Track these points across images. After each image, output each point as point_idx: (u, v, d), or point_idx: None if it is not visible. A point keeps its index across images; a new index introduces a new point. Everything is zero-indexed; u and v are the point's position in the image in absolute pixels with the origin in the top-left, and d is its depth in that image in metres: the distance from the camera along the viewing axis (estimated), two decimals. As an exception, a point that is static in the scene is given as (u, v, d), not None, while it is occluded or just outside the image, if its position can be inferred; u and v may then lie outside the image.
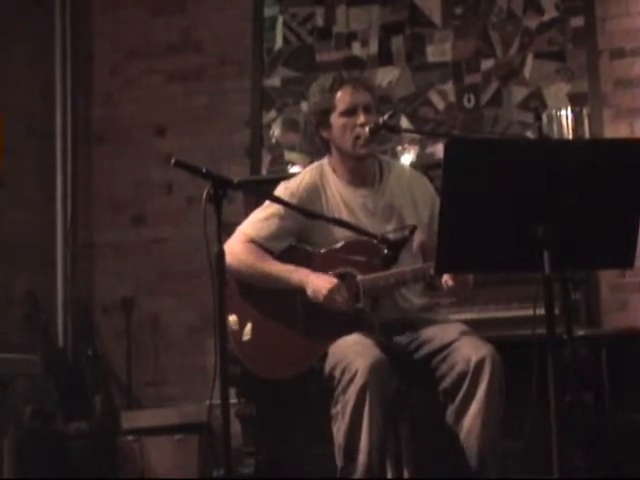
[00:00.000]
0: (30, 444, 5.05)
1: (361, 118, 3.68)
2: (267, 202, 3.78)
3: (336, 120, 3.73)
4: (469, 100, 5.68)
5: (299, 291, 3.64)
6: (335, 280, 3.58)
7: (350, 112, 3.70)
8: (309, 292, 3.60)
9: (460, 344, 3.50)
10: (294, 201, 3.67)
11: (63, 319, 6.04)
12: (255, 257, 3.70)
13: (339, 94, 3.74)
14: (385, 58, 5.86)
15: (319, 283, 3.58)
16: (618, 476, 4.29)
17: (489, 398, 3.39)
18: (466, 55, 5.73)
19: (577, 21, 5.58)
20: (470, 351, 3.45)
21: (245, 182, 4.89)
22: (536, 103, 5.54)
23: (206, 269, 3.04)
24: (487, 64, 5.69)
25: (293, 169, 5.66)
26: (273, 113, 5.98)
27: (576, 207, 2.86)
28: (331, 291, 3.55)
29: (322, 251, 3.69)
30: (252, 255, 3.70)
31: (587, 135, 5.06)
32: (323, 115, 3.77)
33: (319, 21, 6.00)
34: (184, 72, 6.18)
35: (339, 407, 3.40)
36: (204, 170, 3.05)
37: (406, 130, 5.57)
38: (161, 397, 5.90)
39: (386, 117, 3.68)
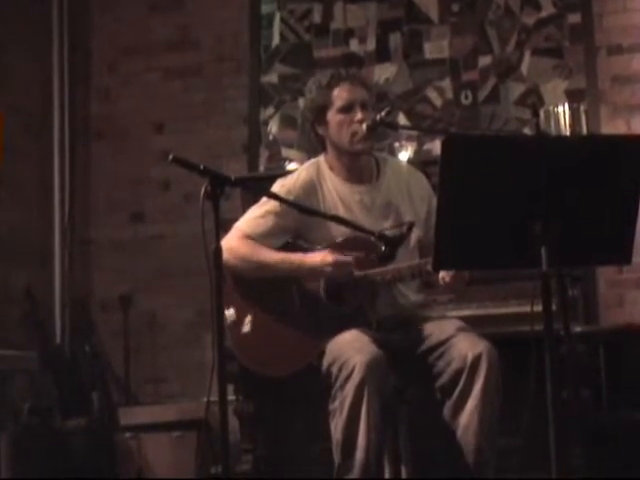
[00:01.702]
0: (28, 441, 5.05)
1: (358, 115, 3.68)
2: (264, 199, 3.78)
3: (333, 117, 3.73)
4: (466, 97, 5.68)
5: (296, 288, 3.66)
6: (327, 250, 3.60)
7: (347, 109, 3.70)
8: (312, 269, 3.61)
9: (457, 340, 3.51)
10: (291, 198, 3.67)
11: (61, 316, 6.03)
12: (250, 249, 3.70)
13: (336, 91, 3.74)
14: (382, 55, 5.85)
15: (318, 257, 3.61)
16: (616, 474, 4.30)
17: (486, 394, 3.40)
18: (463, 52, 5.73)
19: (574, 17, 5.58)
20: (467, 347, 3.45)
21: (243, 179, 4.88)
22: (533, 100, 5.54)
23: (204, 266, 3.04)
24: (484, 61, 5.69)
25: (291, 166, 5.64)
26: (271, 110, 5.97)
27: (574, 203, 2.86)
28: (335, 257, 3.56)
29: (319, 248, 3.69)
30: (247, 248, 3.71)
31: (584, 131, 5.06)
32: (320, 111, 3.77)
33: (316, 18, 5.99)
34: (182, 69, 6.18)
35: (337, 403, 3.41)
36: (202, 167, 3.06)
37: (403, 127, 5.56)
38: (159, 394, 5.91)
39: (383, 114, 3.68)
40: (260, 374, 3.76)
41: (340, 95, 3.73)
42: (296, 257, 3.67)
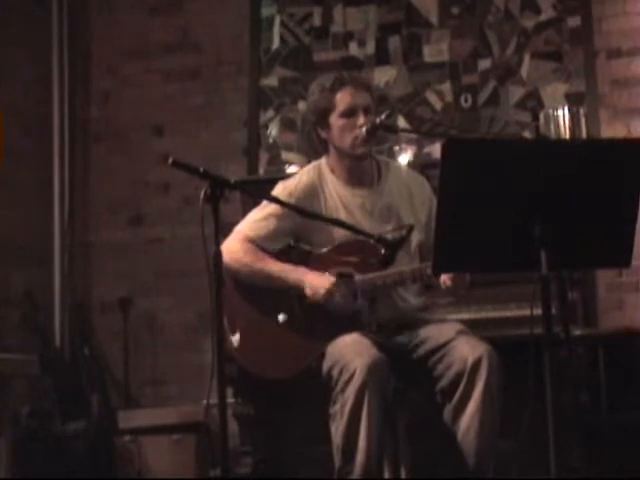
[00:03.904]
0: (27, 444, 5.05)
1: (360, 119, 3.68)
2: (265, 202, 3.78)
3: (335, 121, 3.72)
4: (466, 100, 5.69)
5: (296, 291, 3.65)
6: (333, 279, 3.59)
7: (350, 113, 3.70)
8: (307, 291, 3.61)
9: (457, 343, 3.51)
10: (292, 201, 3.67)
11: (60, 319, 6.03)
12: (253, 256, 3.70)
13: (339, 94, 3.73)
14: (382, 58, 5.85)
15: (317, 282, 3.60)
16: (615, 476, 4.30)
17: (486, 397, 3.40)
18: (463, 55, 5.73)
19: (574, 21, 5.58)
20: (467, 350, 3.45)
21: (242, 182, 4.89)
22: (533, 103, 5.54)
23: (203, 269, 3.04)
24: (484, 64, 5.69)
25: (290, 169, 5.66)
26: (270, 113, 5.98)
27: (573, 207, 2.87)
28: (330, 289, 3.57)
29: (320, 251, 3.69)
30: (249, 254, 3.70)
31: (584, 135, 5.05)
32: (322, 115, 3.76)
33: (316, 21, 6.00)
34: (181, 71, 6.18)
35: (337, 407, 3.41)
36: (201, 170, 3.05)
37: (403, 130, 5.58)
38: (158, 397, 5.90)
39: (383, 117, 3.68)
40: (259, 376, 3.76)
41: (343, 99, 3.72)
42: (296, 274, 3.66)
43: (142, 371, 5.91)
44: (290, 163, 5.79)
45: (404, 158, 5.46)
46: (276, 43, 6.03)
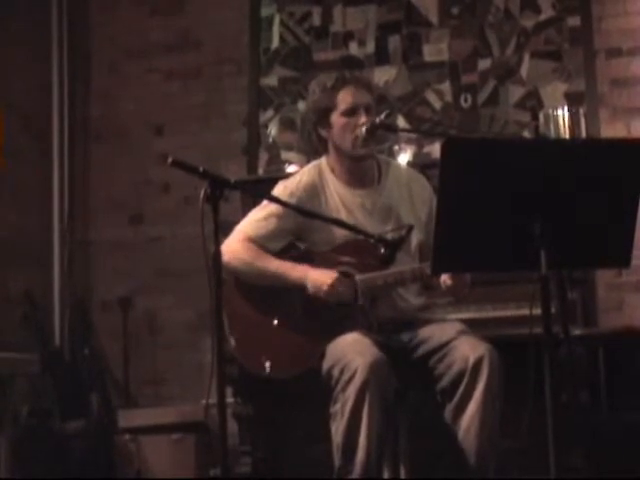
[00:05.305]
0: (27, 443, 5.05)
1: (362, 118, 3.68)
2: (266, 201, 3.78)
3: (337, 119, 3.72)
4: (466, 100, 5.69)
5: (297, 290, 3.65)
6: (335, 274, 3.59)
7: (351, 112, 3.70)
8: (310, 287, 3.60)
9: (458, 343, 3.50)
10: (293, 200, 3.67)
11: (60, 318, 6.03)
12: (253, 255, 3.70)
13: (341, 93, 3.73)
14: (382, 57, 5.86)
15: (320, 277, 3.59)
16: (615, 476, 4.30)
17: (487, 397, 3.40)
18: (463, 55, 5.73)
19: (574, 20, 5.59)
20: (468, 350, 3.45)
21: (242, 182, 4.90)
22: (533, 102, 5.54)
23: (203, 268, 3.05)
24: (484, 64, 5.69)
25: (290, 168, 5.65)
26: (270, 112, 5.98)
27: (573, 206, 2.87)
28: (333, 284, 3.56)
29: (320, 251, 3.69)
30: (250, 253, 3.70)
31: (584, 135, 5.05)
32: (323, 114, 3.76)
33: (316, 20, 6.00)
34: (182, 71, 6.18)
35: (338, 406, 3.40)
36: (201, 169, 3.06)
37: (403, 129, 5.58)
38: (158, 396, 5.90)
39: (383, 116, 3.68)
40: (260, 376, 3.75)
41: (344, 98, 3.72)
42: (298, 272, 3.66)
43: (142, 370, 5.91)
44: (290, 163, 5.78)
45: (403, 158, 5.45)
46: (276, 42, 6.03)
